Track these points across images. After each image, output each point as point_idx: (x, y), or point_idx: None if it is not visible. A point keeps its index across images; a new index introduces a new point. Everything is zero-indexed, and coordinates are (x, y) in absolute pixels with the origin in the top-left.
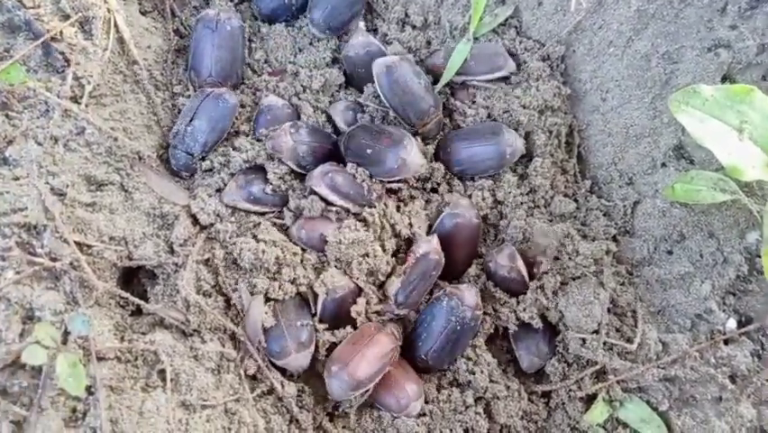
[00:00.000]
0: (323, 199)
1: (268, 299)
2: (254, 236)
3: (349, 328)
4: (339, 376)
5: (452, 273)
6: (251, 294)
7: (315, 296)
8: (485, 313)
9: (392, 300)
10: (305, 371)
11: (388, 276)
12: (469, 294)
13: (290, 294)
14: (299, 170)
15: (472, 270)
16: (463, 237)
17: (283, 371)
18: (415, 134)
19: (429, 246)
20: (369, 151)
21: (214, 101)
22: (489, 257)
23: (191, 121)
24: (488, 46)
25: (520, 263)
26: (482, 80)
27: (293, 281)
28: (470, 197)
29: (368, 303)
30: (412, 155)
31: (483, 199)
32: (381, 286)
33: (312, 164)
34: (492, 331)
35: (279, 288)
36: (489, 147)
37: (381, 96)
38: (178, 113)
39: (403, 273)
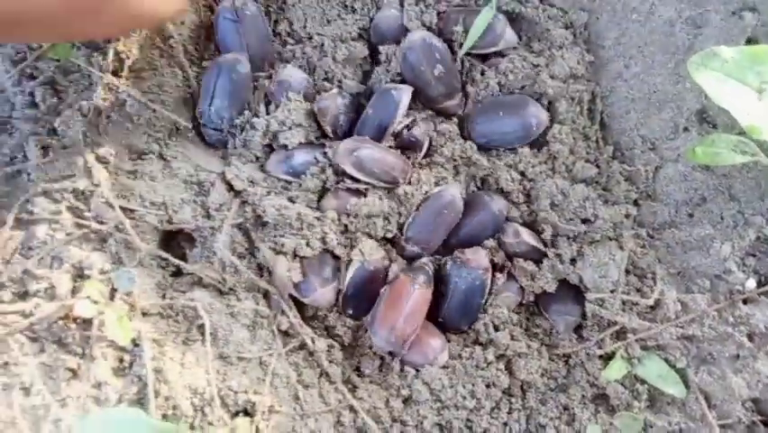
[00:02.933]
0: (349, 176)
1: (295, 256)
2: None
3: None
4: (386, 337)
5: None
6: (278, 253)
7: (348, 263)
8: (521, 287)
9: (403, 236)
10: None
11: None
12: (475, 255)
13: (317, 251)
14: (332, 136)
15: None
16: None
17: (315, 316)
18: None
19: (446, 188)
20: (370, 111)
21: (227, 75)
22: (500, 241)
23: (212, 100)
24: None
25: (526, 235)
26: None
27: (320, 239)
28: (497, 179)
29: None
30: (399, 89)
31: (512, 180)
32: None
33: (343, 135)
34: (518, 305)
35: (307, 245)
36: (514, 120)
37: (400, 67)
38: None
39: (416, 209)
